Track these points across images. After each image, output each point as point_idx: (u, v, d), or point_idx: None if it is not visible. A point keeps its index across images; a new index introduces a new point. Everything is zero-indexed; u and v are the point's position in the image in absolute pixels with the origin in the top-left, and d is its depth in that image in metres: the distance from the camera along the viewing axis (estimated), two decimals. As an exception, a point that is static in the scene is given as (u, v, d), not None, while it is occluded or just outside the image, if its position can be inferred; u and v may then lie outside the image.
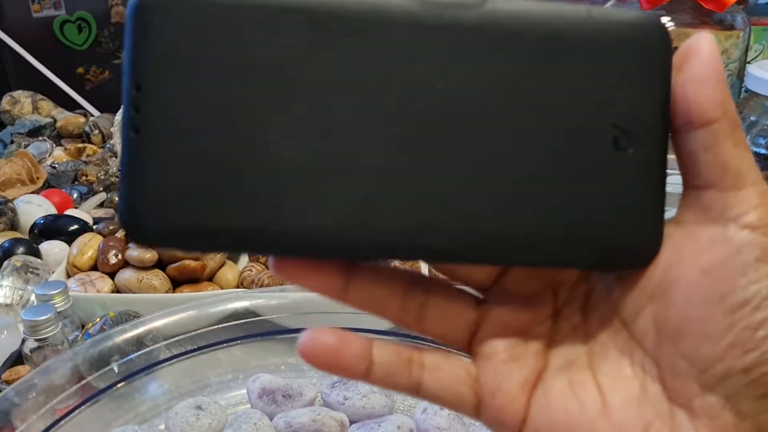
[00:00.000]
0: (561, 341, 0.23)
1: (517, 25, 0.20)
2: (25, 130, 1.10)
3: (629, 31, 0.21)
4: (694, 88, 0.20)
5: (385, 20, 0.20)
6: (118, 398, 0.51)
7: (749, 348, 0.19)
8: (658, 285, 0.21)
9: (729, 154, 0.20)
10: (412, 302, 0.23)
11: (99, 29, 1.36)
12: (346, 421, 0.49)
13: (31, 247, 0.70)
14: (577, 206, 0.21)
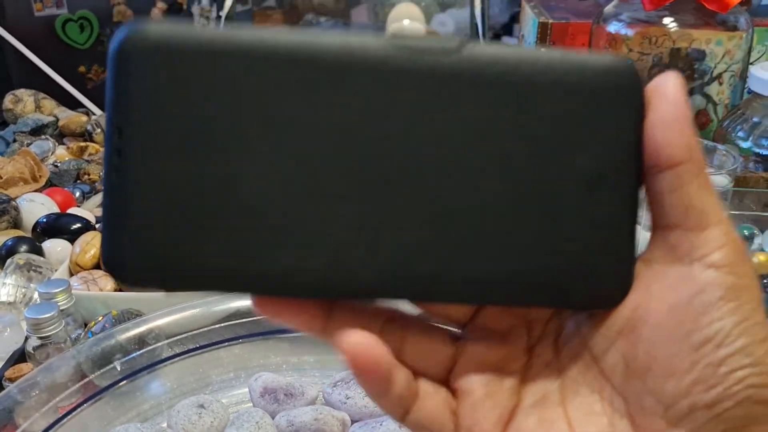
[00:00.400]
0: (534, 377, 0.24)
1: (493, 70, 0.21)
2: (28, 128, 1.10)
3: (602, 76, 0.21)
4: (660, 131, 0.21)
5: (361, 66, 0.20)
6: (121, 396, 0.51)
7: (712, 384, 0.20)
8: (626, 322, 0.22)
9: (694, 195, 0.21)
10: (390, 339, 0.23)
11: (101, 28, 1.36)
12: (348, 420, 0.49)
13: (33, 245, 0.70)
14: (551, 248, 0.21)
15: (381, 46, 0.20)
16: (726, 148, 0.70)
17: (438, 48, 0.21)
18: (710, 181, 0.21)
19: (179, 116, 0.20)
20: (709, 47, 0.78)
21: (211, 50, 0.20)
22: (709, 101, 0.81)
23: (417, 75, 0.20)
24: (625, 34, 0.80)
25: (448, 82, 0.21)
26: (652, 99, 0.21)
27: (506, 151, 0.21)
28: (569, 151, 0.21)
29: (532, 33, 0.97)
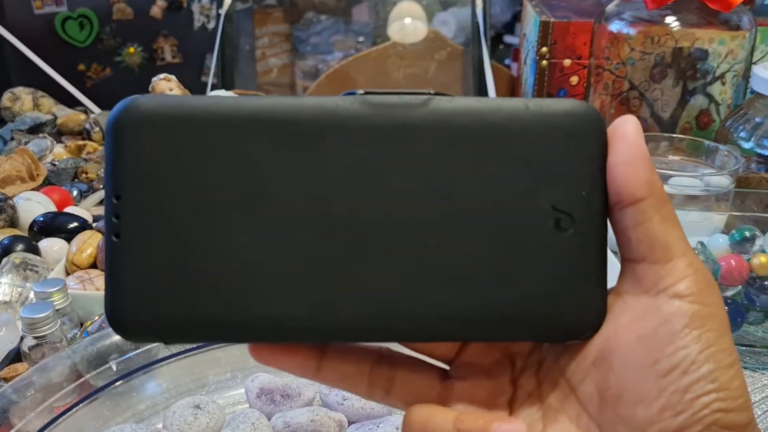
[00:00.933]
0: (519, 408, 0.25)
1: (459, 120, 0.22)
2: (26, 126, 1.10)
3: (565, 120, 0.22)
4: (621, 170, 0.22)
5: (335, 125, 0.22)
6: (116, 396, 0.51)
7: (679, 410, 0.21)
8: (599, 353, 0.23)
9: (656, 229, 0.22)
10: (379, 378, 0.25)
11: (101, 26, 1.36)
12: (345, 421, 0.49)
13: (30, 244, 0.69)
14: (523, 285, 0.22)
15: (354, 105, 0.22)
16: (728, 149, 0.69)
17: (406, 103, 0.22)
18: (673, 213, 0.22)
19: (171, 181, 0.22)
20: (711, 47, 0.77)
21: (196, 120, 0.22)
22: (712, 101, 0.81)
23: (387, 130, 0.22)
24: (627, 33, 0.79)
25: (417, 134, 0.22)
26: (612, 140, 0.22)
27: (476, 195, 0.22)
28: (537, 193, 0.22)
29: (534, 32, 0.97)
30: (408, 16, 1.25)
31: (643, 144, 0.22)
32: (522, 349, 0.26)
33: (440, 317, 0.22)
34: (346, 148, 0.22)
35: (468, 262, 0.22)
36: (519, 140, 0.22)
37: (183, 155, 0.22)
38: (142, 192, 0.22)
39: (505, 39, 1.67)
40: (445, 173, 0.22)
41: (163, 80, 0.79)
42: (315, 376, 0.24)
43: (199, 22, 1.43)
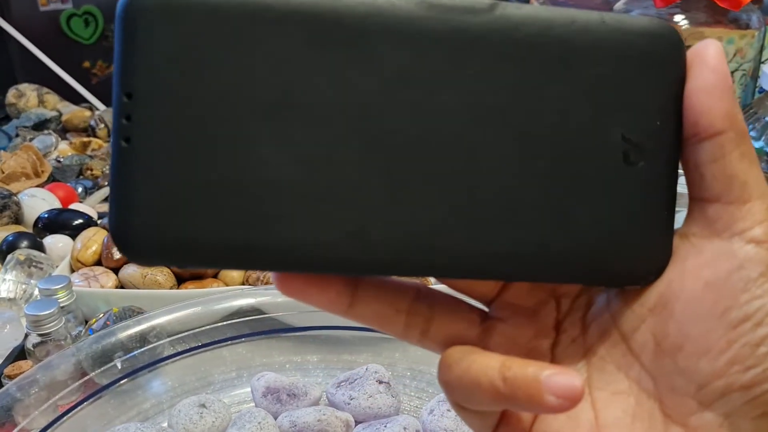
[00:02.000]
0: (561, 355, 0.23)
1: (527, 31, 0.20)
2: (31, 123, 1.10)
3: (642, 40, 0.20)
4: (700, 99, 0.20)
5: (386, 26, 0.19)
6: (121, 395, 0.50)
7: (750, 365, 0.19)
8: (659, 298, 0.21)
9: (735, 166, 0.20)
10: (416, 318, 0.23)
11: (106, 23, 1.36)
12: (352, 421, 0.48)
13: (35, 241, 0.69)
14: (584, 222, 0.20)
15: (409, 4, 0.19)
16: (738, 148, 0.69)
17: (468, 7, 0.20)
18: (754, 152, 0.20)
19: (190, 80, 0.19)
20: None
21: (222, 8, 0.19)
22: (720, 100, 0.80)
23: (446, 36, 0.19)
24: (635, 32, 0.79)
25: (479, 43, 0.20)
26: (691, 66, 0.20)
27: (539, 118, 0.20)
28: (605, 119, 0.20)
29: (541, 30, 0.96)
30: None
31: (726, 71, 0.20)
32: (570, 290, 0.24)
33: (490, 253, 0.20)
34: (395, 53, 0.19)
35: (523, 194, 0.20)
36: (591, 58, 0.20)
37: (205, 50, 0.19)
38: (156, 90, 0.19)
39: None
40: (505, 90, 0.20)
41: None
42: (347, 313, 0.22)
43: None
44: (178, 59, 0.19)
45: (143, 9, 0.19)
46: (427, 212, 0.20)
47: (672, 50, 0.20)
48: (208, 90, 0.19)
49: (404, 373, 0.55)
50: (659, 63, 0.20)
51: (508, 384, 0.20)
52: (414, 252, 0.20)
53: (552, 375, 0.19)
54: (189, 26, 0.19)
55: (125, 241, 0.19)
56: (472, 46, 0.20)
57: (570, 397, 0.19)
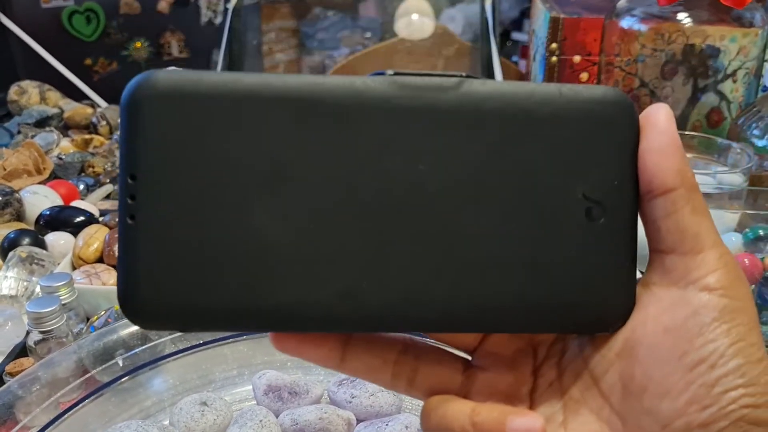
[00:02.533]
0: (540, 398, 0.24)
1: (491, 105, 0.22)
2: (32, 120, 1.10)
3: (597, 107, 0.22)
4: (652, 159, 0.21)
5: (365, 105, 0.21)
6: (122, 392, 0.50)
7: (706, 404, 0.20)
8: (624, 344, 0.22)
9: (687, 220, 0.21)
10: (404, 368, 0.24)
11: (107, 20, 1.36)
12: (353, 419, 0.48)
13: (36, 238, 0.69)
14: (553, 275, 0.22)
15: (383, 86, 0.21)
16: (741, 146, 0.69)
17: (437, 85, 0.21)
18: (704, 205, 0.22)
19: (189, 161, 0.21)
20: (723, 44, 0.77)
21: (218, 96, 0.21)
22: (723, 99, 0.80)
23: (418, 112, 0.21)
24: (638, 30, 0.79)
25: (448, 118, 0.21)
26: (644, 128, 0.22)
27: (507, 182, 0.22)
28: (568, 181, 0.22)
29: (544, 28, 0.96)
30: (415, 12, 1.24)
31: (675, 132, 0.22)
32: (545, 338, 0.25)
33: (469, 307, 0.22)
34: (374, 129, 0.21)
35: (497, 252, 0.22)
36: (551, 126, 0.22)
37: (202, 133, 0.21)
38: (158, 172, 0.21)
39: (512, 36, 1.66)
40: (474, 158, 0.22)
41: (171, 74, 0.79)
42: (339, 366, 0.24)
43: (206, 17, 1.43)
44: (177, 143, 0.21)
45: (144, 100, 0.21)
46: (411, 273, 0.21)
47: (625, 115, 0.22)
48: (205, 169, 0.21)
49: (406, 372, 0.55)
50: (614, 127, 0.22)
51: (477, 428, 0.22)
52: (398, 309, 0.22)
53: (515, 418, 0.21)
54: (186, 113, 0.21)
55: (133, 309, 0.21)
56: (442, 120, 0.21)
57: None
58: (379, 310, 0.21)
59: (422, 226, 0.21)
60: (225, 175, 0.21)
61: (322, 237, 0.21)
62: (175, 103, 0.21)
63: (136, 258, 0.21)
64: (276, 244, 0.21)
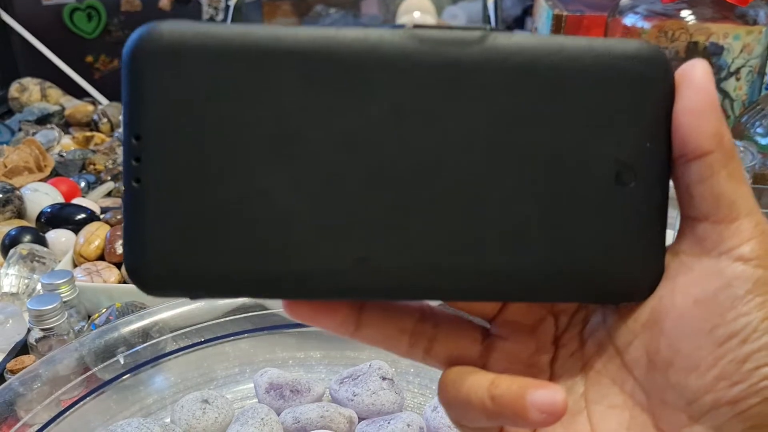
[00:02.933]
0: (560, 369, 0.23)
1: (518, 60, 0.20)
2: (33, 117, 1.10)
3: (629, 63, 0.21)
4: (687, 119, 0.20)
5: (381, 60, 0.20)
6: (124, 390, 0.50)
7: (736, 380, 0.19)
8: (650, 314, 0.21)
9: (723, 186, 0.20)
10: (420, 338, 0.24)
11: (109, 18, 1.35)
12: (355, 417, 0.48)
13: (37, 235, 0.69)
14: (579, 242, 0.21)
15: (401, 40, 0.20)
16: (744, 145, 0.68)
17: (460, 39, 0.20)
18: (741, 170, 0.20)
19: (197, 120, 0.20)
20: (726, 42, 0.76)
21: (226, 50, 0.20)
22: (726, 97, 0.80)
23: (439, 68, 0.20)
24: (641, 28, 0.78)
25: (472, 73, 0.20)
26: (679, 86, 0.21)
27: (533, 143, 0.20)
28: (597, 143, 0.21)
29: (546, 25, 0.96)
30: (417, 9, 1.24)
31: (713, 91, 0.20)
32: (567, 307, 0.24)
33: (489, 275, 0.21)
34: (392, 86, 0.20)
35: (520, 217, 0.21)
36: (581, 83, 0.20)
37: (210, 90, 0.20)
38: (164, 131, 0.20)
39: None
40: (499, 118, 0.20)
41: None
42: (354, 334, 0.23)
43: (208, 14, 1.42)
44: (182, 101, 0.20)
45: (148, 54, 0.19)
46: (428, 238, 0.20)
47: (659, 72, 0.21)
48: (213, 129, 0.20)
49: (408, 370, 0.54)
50: (647, 85, 0.21)
51: (495, 402, 0.21)
52: (416, 277, 0.21)
53: (535, 391, 0.20)
54: (191, 70, 0.19)
55: (140, 275, 0.20)
56: (465, 77, 0.20)
57: (553, 412, 0.20)
58: (397, 277, 0.21)
59: (442, 190, 0.20)
60: (235, 136, 0.20)
61: (337, 201, 0.20)
62: (178, 60, 0.19)
63: (143, 222, 0.20)
64: (288, 208, 0.20)
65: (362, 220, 0.20)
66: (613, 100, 0.21)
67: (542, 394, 0.20)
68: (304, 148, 0.20)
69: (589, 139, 0.21)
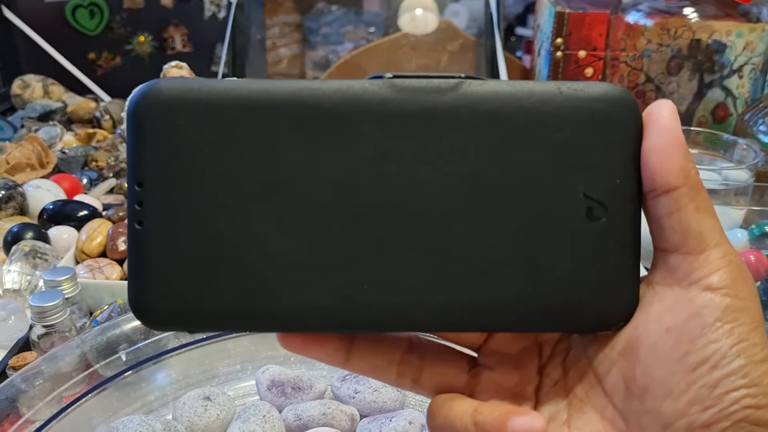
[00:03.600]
0: (545, 397, 0.24)
1: (489, 106, 0.21)
2: (36, 114, 1.10)
3: (598, 105, 0.22)
4: (655, 157, 0.21)
5: (364, 109, 0.21)
6: (126, 387, 0.50)
7: (708, 405, 0.20)
8: (627, 343, 0.22)
9: (691, 219, 0.21)
10: (409, 367, 0.25)
11: (111, 15, 1.35)
12: (357, 415, 0.48)
13: (39, 232, 0.69)
14: (555, 276, 0.22)
15: (381, 89, 0.21)
16: (747, 142, 0.68)
17: (436, 87, 0.22)
18: (709, 203, 0.22)
19: (194, 168, 0.21)
20: (729, 39, 0.76)
21: (218, 104, 0.21)
22: (729, 95, 0.79)
23: (417, 115, 0.21)
24: (643, 25, 0.78)
25: (446, 120, 0.21)
26: (647, 126, 0.22)
27: (507, 183, 0.22)
28: (569, 180, 0.22)
29: (549, 23, 0.95)
30: (419, 6, 1.23)
31: (678, 129, 0.21)
32: (550, 337, 0.25)
33: (469, 308, 0.22)
34: (373, 134, 0.21)
35: (498, 252, 0.22)
36: (551, 125, 0.22)
37: (206, 141, 0.21)
38: (164, 179, 0.21)
39: (516, 31, 1.65)
40: (474, 160, 0.22)
41: (175, 67, 0.78)
42: (344, 365, 0.24)
43: (210, 11, 1.42)
44: (179, 152, 0.21)
45: (148, 110, 0.21)
46: (411, 274, 0.22)
47: (627, 113, 0.22)
48: (209, 176, 0.21)
49: (409, 367, 0.54)
50: (615, 125, 0.22)
51: (479, 427, 0.22)
52: (401, 311, 0.22)
53: (517, 418, 0.21)
54: (187, 123, 0.21)
55: (142, 311, 0.22)
56: (441, 123, 0.21)
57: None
58: (381, 312, 0.22)
59: (422, 229, 0.22)
60: (229, 182, 0.21)
61: (323, 241, 0.21)
62: (178, 112, 0.21)
63: (145, 262, 0.21)
64: (278, 249, 0.21)
65: (347, 258, 0.21)
66: (582, 141, 0.22)
67: (523, 421, 0.21)
68: (291, 192, 0.21)
69: (560, 178, 0.22)
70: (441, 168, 0.22)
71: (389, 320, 0.22)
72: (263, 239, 0.21)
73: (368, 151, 0.21)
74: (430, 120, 0.21)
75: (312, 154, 0.21)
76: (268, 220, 0.21)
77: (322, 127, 0.21)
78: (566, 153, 0.22)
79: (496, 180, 0.22)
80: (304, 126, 0.21)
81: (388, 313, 0.22)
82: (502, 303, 0.22)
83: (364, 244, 0.21)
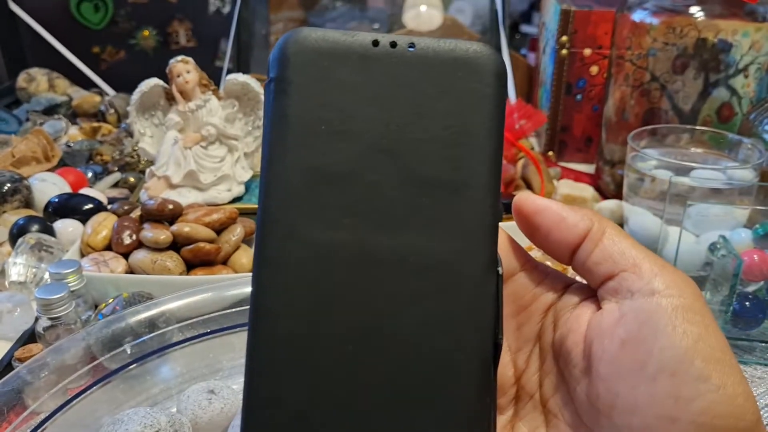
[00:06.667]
0: (523, 410, 0.24)
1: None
2: (41, 107, 1.10)
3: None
4: (555, 232, 0.23)
5: None
6: (130, 380, 0.50)
7: (675, 417, 0.20)
8: (585, 362, 0.22)
9: (609, 246, 0.23)
10: None
11: (115, 9, 1.35)
12: (360, 409, 0.48)
13: (45, 225, 0.69)
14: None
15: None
16: (752, 142, 0.68)
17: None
18: (619, 230, 0.23)
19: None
20: (735, 38, 0.76)
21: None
22: (734, 94, 0.79)
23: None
24: (649, 23, 0.78)
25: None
26: (527, 219, 0.24)
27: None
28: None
29: (554, 21, 0.95)
30: (423, 3, 1.23)
31: (549, 204, 0.23)
32: (523, 346, 0.25)
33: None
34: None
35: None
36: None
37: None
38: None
39: (521, 28, 1.65)
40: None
41: (181, 62, 0.78)
42: None
43: (214, 6, 1.42)
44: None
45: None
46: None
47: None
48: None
49: (413, 363, 0.54)
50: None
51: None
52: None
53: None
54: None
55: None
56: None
57: None
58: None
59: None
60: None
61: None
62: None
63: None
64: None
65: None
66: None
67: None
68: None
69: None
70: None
71: None
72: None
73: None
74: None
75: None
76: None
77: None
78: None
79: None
80: None
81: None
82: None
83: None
